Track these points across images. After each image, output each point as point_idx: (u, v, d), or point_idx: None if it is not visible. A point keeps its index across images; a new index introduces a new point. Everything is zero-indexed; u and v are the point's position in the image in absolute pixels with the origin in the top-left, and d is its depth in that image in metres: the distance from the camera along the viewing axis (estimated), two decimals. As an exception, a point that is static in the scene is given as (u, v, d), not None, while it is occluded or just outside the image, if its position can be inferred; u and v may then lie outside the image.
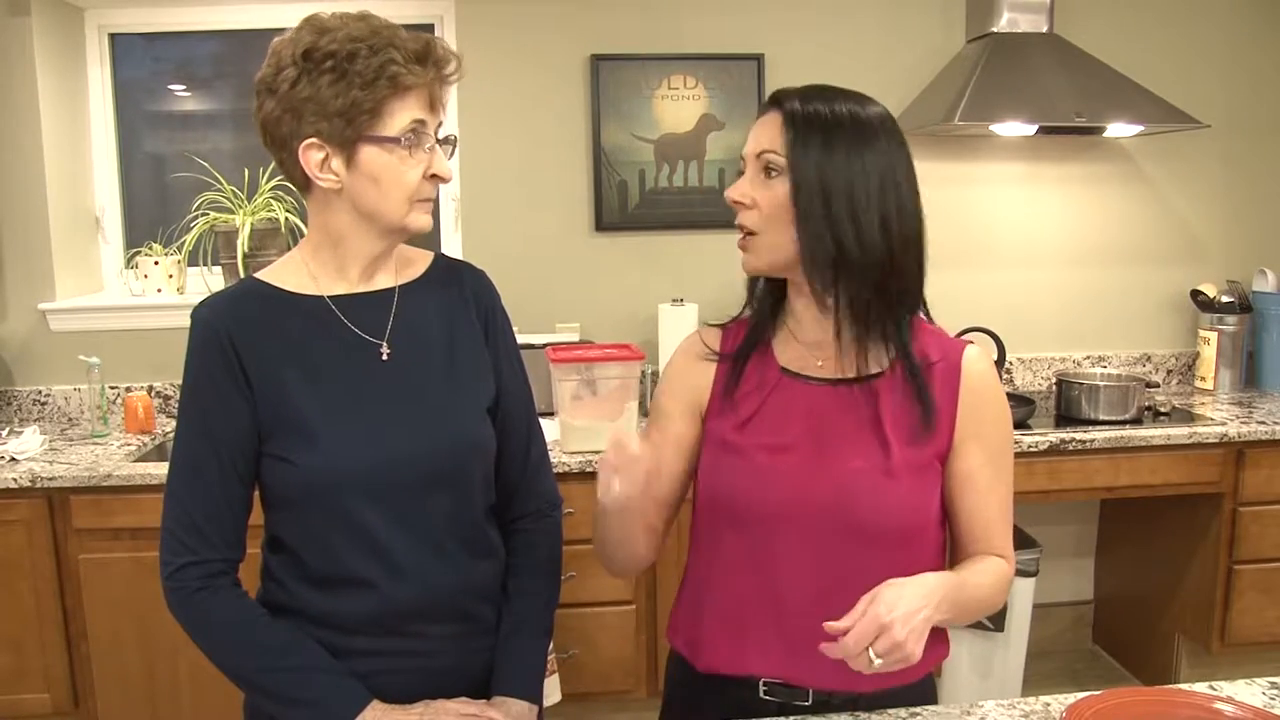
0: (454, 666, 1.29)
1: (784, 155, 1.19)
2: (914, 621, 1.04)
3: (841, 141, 1.18)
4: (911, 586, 1.07)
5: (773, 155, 1.19)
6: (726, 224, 1.26)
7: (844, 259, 1.17)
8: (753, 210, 1.21)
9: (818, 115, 1.19)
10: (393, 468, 1.21)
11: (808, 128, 1.18)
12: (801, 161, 1.17)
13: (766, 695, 1.23)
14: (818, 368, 1.25)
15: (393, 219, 1.21)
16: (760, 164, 1.21)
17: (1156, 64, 3.11)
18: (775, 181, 1.19)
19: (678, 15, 3.02)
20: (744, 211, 1.23)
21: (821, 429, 1.22)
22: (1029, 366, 3.28)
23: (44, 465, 2.46)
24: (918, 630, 1.04)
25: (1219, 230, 3.30)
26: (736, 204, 1.23)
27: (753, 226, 1.22)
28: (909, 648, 1.03)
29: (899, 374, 1.22)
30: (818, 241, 1.17)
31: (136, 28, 3.07)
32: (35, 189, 2.87)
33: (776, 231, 1.20)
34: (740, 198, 1.22)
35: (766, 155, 1.20)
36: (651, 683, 2.62)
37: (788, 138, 1.18)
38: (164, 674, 2.47)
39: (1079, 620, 3.40)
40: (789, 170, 1.18)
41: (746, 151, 1.24)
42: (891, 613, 1.03)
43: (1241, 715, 1.14)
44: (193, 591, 1.19)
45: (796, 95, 1.22)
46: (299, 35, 1.16)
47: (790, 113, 1.20)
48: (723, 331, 1.34)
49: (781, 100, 1.22)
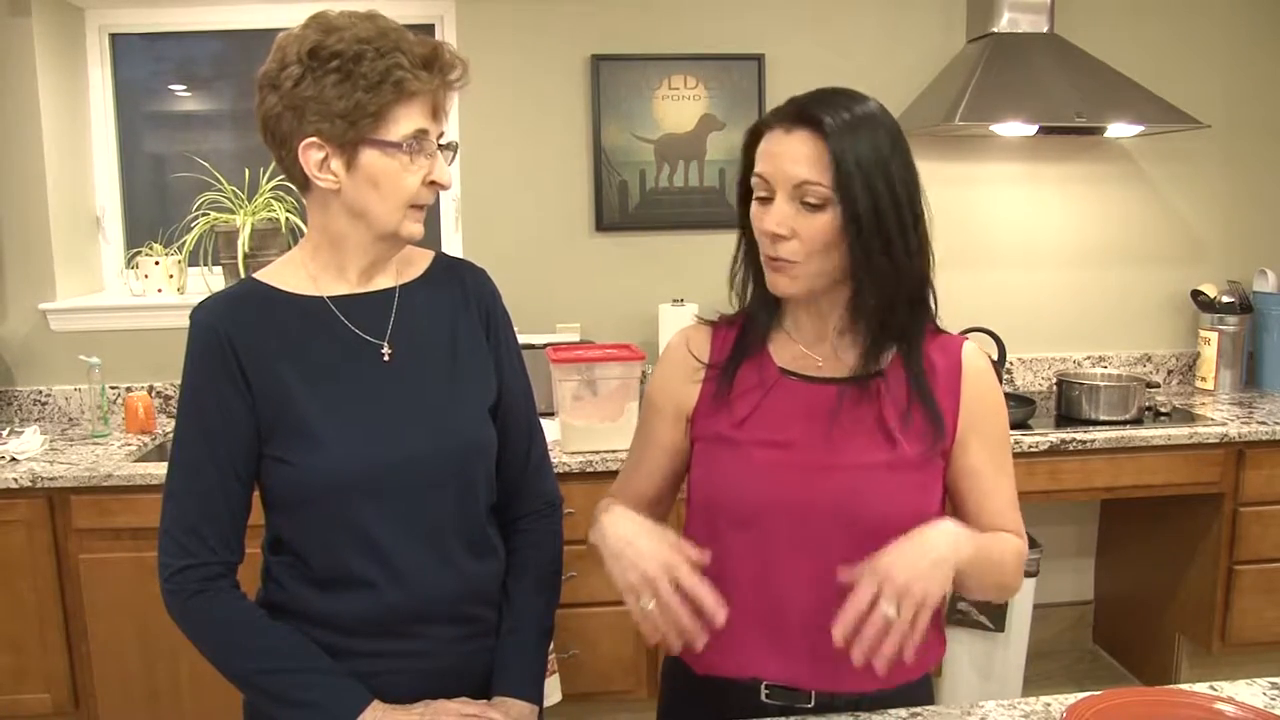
0: (454, 667, 1.28)
1: (830, 187, 1.12)
2: (919, 564, 1.03)
3: (880, 159, 1.13)
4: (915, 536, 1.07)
5: (817, 187, 1.12)
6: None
7: (897, 275, 1.16)
8: (792, 241, 1.15)
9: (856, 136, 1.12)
10: (393, 469, 1.21)
11: (854, 155, 1.11)
12: (851, 193, 1.11)
13: (768, 698, 1.23)
14: (817, 367, 1.24)
15: (386, 225, 1.19)
16: (798, 192, 1.14)
17: (1156, 64, 3.11)
18: (818, 214, 1.13)
19: (678, 15, 3.02)
20: (781, 243, 1.15)
21: (823, 427, 1.20)
22: (1029, 366, 3.28)
23: (44, 465, 2.46)
24: (925, 572, 1.03)
25: (1219, 230, 3.30)
26: (775, 237, 1.15)
27: (793, 257, 1.16)
28: (916, 590, 1.02)
29: (900, 372, 1.21)
30: (874, 269, 1.15)
31: (137, 28, 3.07)
32: (36, 189, 2.87)
33: (821, 260, 1.16)
34: (780, 230, 1.15)
35: (808, 186, 1.13)
36: (651, 683, 2.62)
37: (833, 169, 1.12)
38: (164, 674, 2.47)
39: (1079, 620, 3.40)
40: (839, 203, 1.12)
41: (770, 173, 1.15)
42: (890, 560, 1.03)
43: (1242, 716, 1.14)
44: (191, 594, 1.19)
45: (826, 112, 1.13)
46: (305, 32, 1.15)
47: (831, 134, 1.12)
48: (713, 333, 1.31)
49: (811, 118, 1.13)
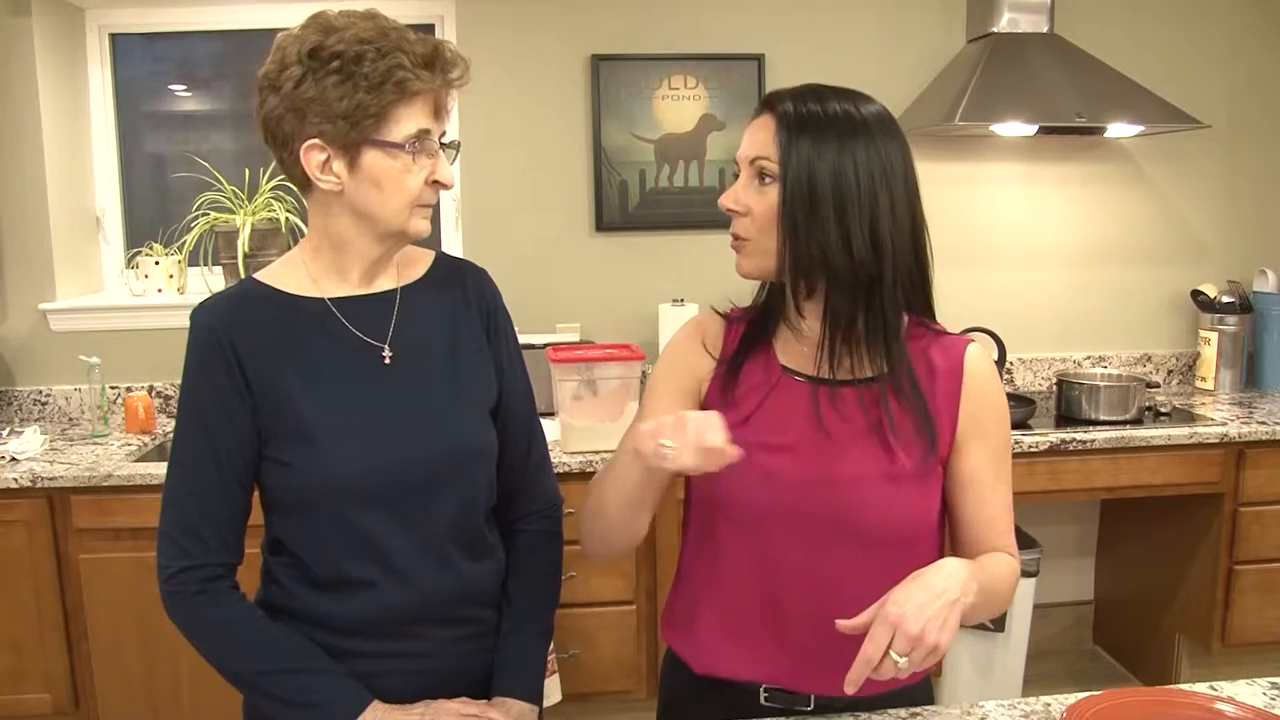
0: (454, 667, 1.28)
1: (775, 161, 1.16)
2: (930, 610, 0.99)
3: (832, 143, 1.14)
4: (924, 578, 1.03)
5: (765, 162, 1.17)
6: (727, 224, 1.24)
7: (829, 268, 1.15)
8: (746, 217, 1.19)
9: (810, 117, 1.16)
10: (394, 472, 1.20)
11: (799, 131, 1.15)
12: (791, 167, 1.15)
13: (767, 701, 1.23)
14: (818, 367, 1.23)
15: (392, 224, 1.19)
16: (754, 170, 1.19)
17: (1156, 64, 3.11)
18: (768, 188, 1.17)
19: (678, 15, 3.02)
20: (737, 219, 1.20)
21: (822, 431, 1.20)
22: (1029, 366, 3.28)
23: (44, 465, 2.46)
24: (938, 618, 0.99)
25: (1219, 230, 3.30)
26: (731, 211, 1.21)
27: (745, 234, 1.20)
28: (929, 639, 0.98)
29: (901, 375, 1.20)
30: (801, 251, 1.15)
31: (137, 28, 3.07)
32: (36, 189, 2.87)
33: (769, 238, 1.18)
34: (734, 205, 1.20)
35: (760, 162, 1.18)
36: (651, 683, 2.62)
37: (780, 142, 1.16)
38: (164, 674, 2.47)
39: (1079, 620, 3.40)
40: (780, 177, 1.16)
41: (740, 156, 1.21)
42: (902, 608, 1.00)
43: (1242, 716, 1.14)
44: (190, 595, 1.19)
45: (789, 97, 1.18)
46: (305, 33, 1.14)
47: (783, 115, 1.17)
48: (726, 325, 1.31)
49: (774, 103, 1.19)
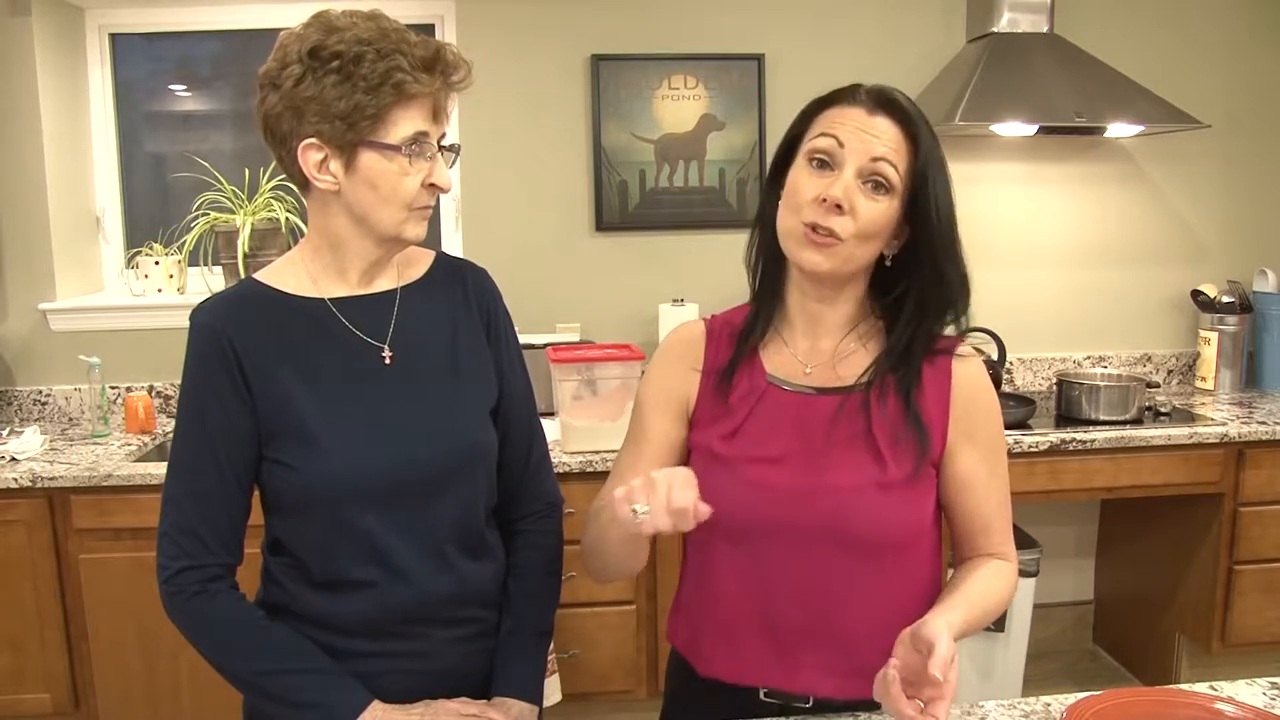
0: (454, 668, 1.28)
1: (903, 174, 1.10)
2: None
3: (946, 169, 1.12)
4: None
5: (889, 169, 1.10)
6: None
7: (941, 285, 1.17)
8: (847, 218, 1.11)
9: (932, 138, 1.11)
10: (394, 473, 1.20)
11: (932, 153, 1.10)
12: (924, 188, 1.10)
13: (767, 698, 1.23)
14: (805, 375, 1.22)
15: (387, 227, 1.19)
16: (870, 169, 1.11)
17: (1156, 64, 3.11)
18: (881, 199, 1.11)
19: (678, 15, 3.02)
20: (837, 216, 1.11)
21: (812, 440, 1.18)
22: (1029, 366, 3.28)
23: (44, 465, 2.46)
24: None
25: (1219, 230, 3.30)
26: (833, 206, 1.10)
27: (842, 234, 1.11)
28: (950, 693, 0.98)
29: (889, 383, 1.19)
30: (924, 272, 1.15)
31: (137, 28, 3.07)
32: (35, 189, 2.87)
33: (865, 247, 1.13)
34: (843, 200, 1.10)
35: (882, 164, 1.10)
36: (651, 683, 2.62)
37: (911, 158, 1.10)
38: (164, 674, 2.47)
39: (1079, 620, 3.40)
40: (908, 194, 1.11)
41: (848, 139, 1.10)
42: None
43: (1242, 716, 1.14)
44: (190, 596, 1.19)
45: (910, 106, 1.12)
46: (307, 32, 1.14)
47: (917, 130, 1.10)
48: (708, 335, 1.28)
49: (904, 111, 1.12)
